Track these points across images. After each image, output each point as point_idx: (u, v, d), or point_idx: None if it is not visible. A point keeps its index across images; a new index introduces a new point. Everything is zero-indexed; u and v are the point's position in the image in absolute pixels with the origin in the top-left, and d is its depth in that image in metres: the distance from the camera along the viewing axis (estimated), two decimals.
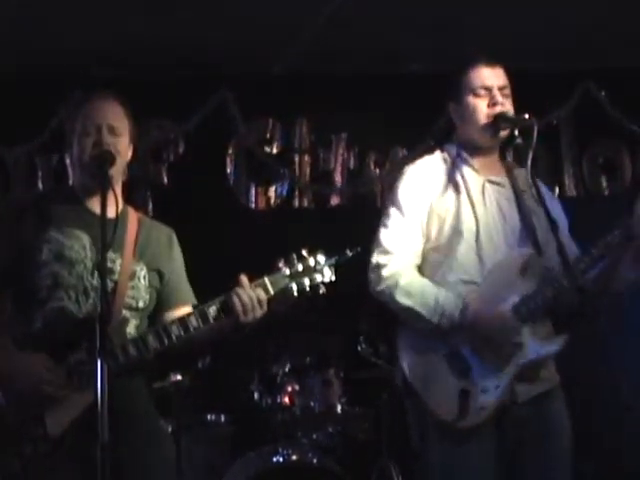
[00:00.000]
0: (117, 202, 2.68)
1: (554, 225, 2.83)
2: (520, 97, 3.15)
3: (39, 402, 2.62)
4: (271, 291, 2.74)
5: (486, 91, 3.08)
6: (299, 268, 2.77)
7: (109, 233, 2.58)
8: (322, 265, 2.79)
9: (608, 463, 5.18)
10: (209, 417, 4.71)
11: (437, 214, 3.09)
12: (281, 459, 4.35)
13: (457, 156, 3.17)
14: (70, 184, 3.10)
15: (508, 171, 3.19)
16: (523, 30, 5.07)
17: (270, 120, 5.75)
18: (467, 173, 3.13)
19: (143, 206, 5.35)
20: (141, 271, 2.85)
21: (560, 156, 5.95)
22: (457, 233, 3.05)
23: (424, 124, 5.47)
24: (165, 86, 5.45)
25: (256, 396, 4.70)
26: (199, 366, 4.56)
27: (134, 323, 2.83)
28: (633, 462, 5.13)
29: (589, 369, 5.13)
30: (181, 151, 5.66)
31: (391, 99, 5.56)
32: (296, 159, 5.79)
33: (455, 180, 3.13)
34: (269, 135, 5.75)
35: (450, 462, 2.95)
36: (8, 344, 2.69)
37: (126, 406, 2.69)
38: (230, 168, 5.70)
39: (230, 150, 5.71)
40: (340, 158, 5.80)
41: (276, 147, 5.77)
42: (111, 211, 2.66)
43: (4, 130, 5.29)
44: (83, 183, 2.87)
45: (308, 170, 5.78)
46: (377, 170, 5.81)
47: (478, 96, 3.09)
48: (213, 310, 2.72)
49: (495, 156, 3.19)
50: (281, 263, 2.76)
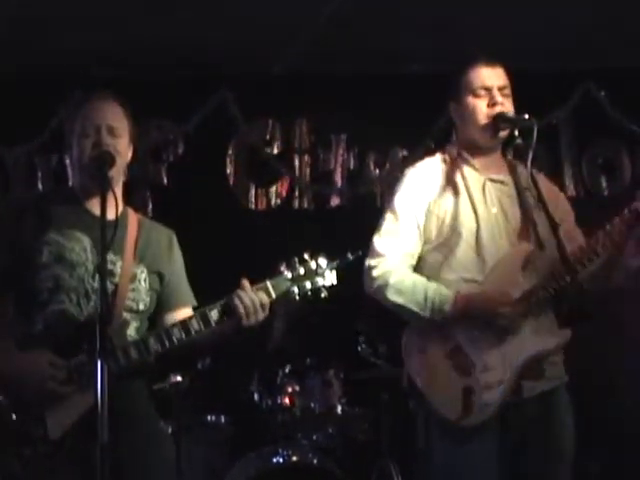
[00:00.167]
0: (117, 203, 2.67)
1: (554, 225, 2.83)
2: (520, 97, 3.15)
3: (41, 400, 2.62)
4: (273, 294, 2.74)
5: (486, 91, 3.08)
6: (301, 271, 2.77)
7: (109, 235, 2.57)
8: (324, 268, 2.79)
9: (610, 463, 5.18)
10: (209, 418, 4.70)
11: (436, 215, 3.09)
12: (281, 460, 4.35)
13: (458, 156, 3.17)
14: (70, 185, 3.09)
15: (511, 169, 3.18)
16: (523, 30, 5.06)
17: (270, 121, 5.75)
18: (468, 173, 3.13)
19: (143, 207, 5.35)
20: (142, 273, 2.84)
21: (560, 156, 5.95)
22: (456, 233, 3.06)
23: (424, 124, 5.48)
24: (165, 86, 5.45)
25: (256, 397, 4.70)
26: (199, 367, 4.55)
27: (134, 325, 2.83)
28: (634, 462, 5.12)
29: (589, 369, 5.12)
30: (181, 151, 5.67)
31: (391, 99, 5.56)
32: (296, 160, 5.79)
33: (455, 180, 3.13)
34: (269, 136, 5.75)
35: (452, 462, 2.96)
36: (11, 346, 2.69)
37: (126, 407, 2.69)
38: (230, 169, 5.71)
39: (230, 151, 5.71)
40: (340, 158, 5.80)
41: (276, 148, 5.77)
42: (111, 213, 2.65)
43: (4, 130, 5.28)
44: (83, 184, 2.87)
45: (308, 171, 5.79)
46: (377, 170, 5.81)
47: (478, 96, 3.09)
48: (215, 313, 2.72)
49: (497, 154, 3.18)
50: (283, 266, 2.76)
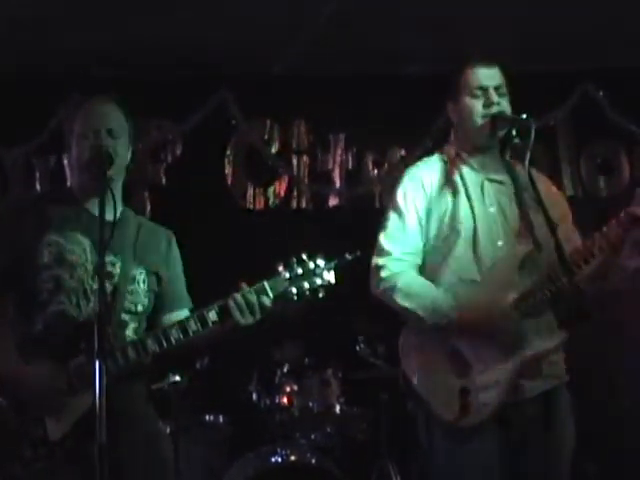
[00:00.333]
0: (115, 204, 2.67)
1: (552, 225, 2.83)
2: (518, 97, 3.15)
3: (41, 408, 2.63)
4: (270, 295, 2.73)
5: (482, 91, 3.08)
6: (299, 272, 2.75)
7: (107, 236, 2.57)
8: (322, 269, 2.78)
9: (610, 463, 5.18)
10: (207, 418, 4.71)
11: (435, 214, 3.10)
12: (279, 459, 4.35)
13: (456, 156, 3.18)
14: (68, 185, 3.09)
15: (509, 168, 3.18)
16: (522, 31, 5.06)
17: (268, 121, 5.75)
18: (466, 172, 3.14)
19: (141, 207, 5.35)
20: (140, 275, 2.85)
21: (558, 156, 5.95)
22: (455, 233, 3.06)
23: (422, 124, 5.48)
24: (165, 86, 5.45)
25: (254, 397, 4.70)
26: (197, 367, 4.55)
27: (133, 326, 2.83)
28: (633, 462, 5.12)
29: (589, 369, 5.13)
30: (179, 152, 5.66)
31: (389, 99, 5.56)
32: (294, 159, 5.79)
33: (453, 180, 3.13)
34: (267, 136, 5.75)
35: (454, 462, 2.96)
36: (11, 347, 2.69)
37: (125, 408, 2.69)
38: (228, 169, 5.71)
39: (228, 151, 5.71)
40: (338, 158, 5.80)
41: (274, 148, 5.77)
42: (110, 213, 2.66)
43: (2, 131, 5.28)
44: (82, 185, 2.87)
45: (306, 171, 5.79)
46: (375, 171, 5.82)
47: (474, 96, 3.09)
48: (212, 314, 2.71)
49: (495, 154, 3.17)
50: (280, 267, 2.75)
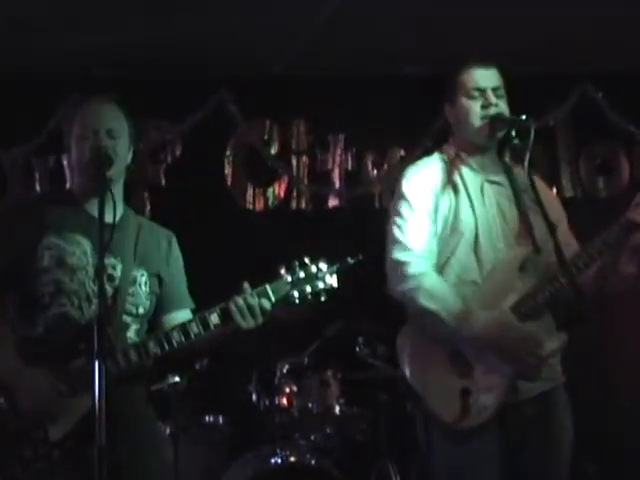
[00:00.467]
0: (115, 205, 2.66)
1: (552, 226, 2.83)
2: (518, 98, 3.15)
3: (40, 412, 2.63)
4: (272, 298, 2.73)
5: (479, 92, 3.07)
6: (301, 275, 2.75)
7: (107, 238, 2.57)
8: (324, 272, 2.77)
9: (610, 463, 5.18)
10: (207, 418, 4.70)
11: (440, 213, 3.07)
12: (279, 460, 4.34)
13: (455, 156, 3.17)
14: (68, 186, 3.09)
15: (507, 170, 3.18)
16: (521, 32, 5.06)
17: (267, 121, 5.75)
18: (466, 173, 3.13)
19: (141, 207, 5.34)
20: (142, 277, 2.85)
21: (557, 157, 5.95)
22: (457, 233, 3.04)
23: (422, 125, 5.48)
24: (164, 87, 5.44)
25: (254, 397, 4.69)
26: (197, 368, 4.55)
27: (134, 328, 2.83)
28: (634, 462, 5.12)
29: (588, 369, 5.13)
30: (179, 152, 5.66)
31: (389, 100, 5.55)
32: (294, 160, 5.79)
33: (454, 180, 3.12)
34: (267, 136, 5.75)
35: (454, 463, 2.95)
36: (10, 348, 2.69)
37: (125, 409, 2.69)
38: (228, 169, 5.70)
39: (228, 151, 5.71)
40: (338, 159, 5.79)
41: (274, 148, 5.77)
42: (110, 215, 2.66)
43: (2, 131, 5.28)
44: (82, 186, 2.87)
45: (306, 171, 5.78)
46: (375, 171, 5.81)
47: (472, 98, 3.08)
48: (214, 317, 2.71)
49: (493, 155, 3.17)
50: (283, 270, 2.75)
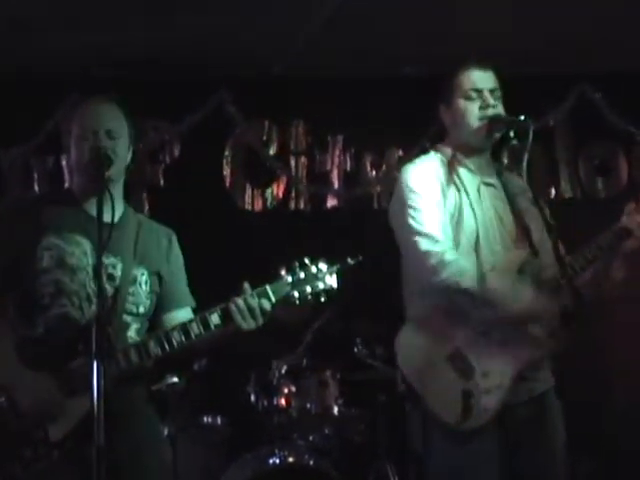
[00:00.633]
0: (113, 205, 2.65)
1: (550, 226, 2.84)
2: (516, 99, 3.15)
3: (40, 413, 2.64)
4: (273, 299, 2.73)
5: (477, 93, 3.07)
6: (301, 276, 2.76)
7: (106, 237, 2.56)
8: (324, 273, 2.78)
9: (606, 463, 5.18)
10: (205, 419, 4.69)
11: (448, 207, 3.05)
12: (277, 461, 4.34)
13: (452, 157, 3.15)
14: (67, 187, 3.09)
15: (498, 173, 3.18)
16: (519, 32, 5.06)
17: (266, 122, 5.75)
18: (463, 174, 3.12)
19: (140, 208, 5.34)
20: (142, 276, 2.85)
21: (556, 158, 5.94)
22: (461, 231, 3.03)
23: (420, 126, 5.47)
24: (163, 87, 5.44)
25: (252, 398, 4.68)
26: (195, 368, 4.54)
27: (135, 327, 2.84)
28: (630, 462, 5.13)
29: (585, 370, 5.14)
30: (177, 153, 5.66)
31: (387, 100, 5.55)
32: (292, 161, 5.78)
33: (454, 180, 3.11)
34: (266, 137, 5.75)
35: (454, 464, 2.95)
36: (9, 349, 2.69)
37: (125, 409, 2.69)
38: (227, 170, 5.70)
39: (227, 152, 5.71)
40: (336, 160, 5.79)
41: (272, 149, 5.77)
42: (109, 214, 2.65)
43: (2, 131, 5.28)
44: (81, 186, 2.87)
45: (304, 172, 5.78)
46: (373, 172, 5.81)
47: (469, 98, 3.08)
48: (215, 317, 2.72)
49: (487, 157, 3.18)
50: (283, 271, 2.76)
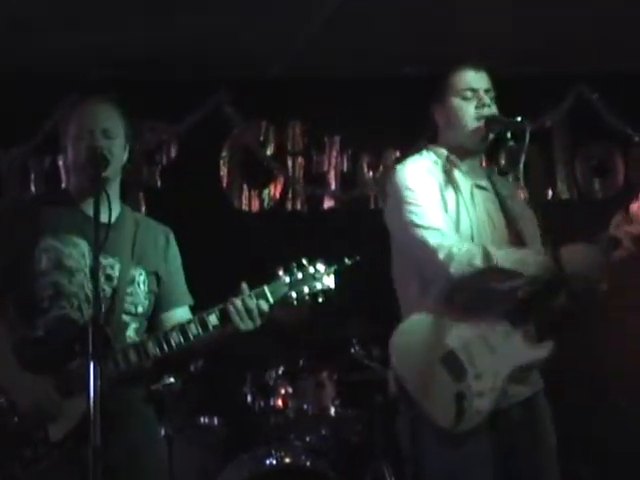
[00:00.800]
0: (110, 205, 2.65)
1: (546, 227, 2.84)
2: (513, 99, 3.14)
3: (39, 415, 2.63)
4: (270, 300, 2.74)
5: (472, 93, 3.05)
6: (299, 276, 2.76)
7: (103, 238, 2.56)
8: (321, 273, 2.78)
9: (603, 466, 5.18)
10: (202, 420, 4.69)
11: (446, 206, 3.02)
12: (274, 462, 4.34)
13: (446, 159, 3.12)
14: (63, 187, 3.08)
15: (489, 176, 3.18)
16: (517, 33, 5.07)
17: (263, 122, 5.75)
18: (457, 176, 3.09)
19: (136, 209, 5.33)
20: (140, 276, 2.85)
21: (553, 158, 5.95)
22: (459, 232, 3.00)
23: (417, 126, 5.46)
24: (161, 87, 5.43)
25: (249, 399, 4.68)
26: (192, 369, 4.55)
27: (134, 327, 2.84)
28: (628, 465, 5.13)
29: (583, 372, 5.14)
30: (174, 153, 5.66)
31: (385, 101, 5.55)
32: (289, 161, 5.79)
33: (451, 181, 3.09)
34: (263, 138, 5.75)
35: (448, 466, 2.93)
36: (8, 350, 2.69)
37: (123, 410, 2.69)
38: (224, 170, 5.70)
39: (224, 152, 5.71)
40: (333, 160, 5.79)
41: (270, 149, 5.77)
42: (106, 214, 2.65)
43: (1, 131, 5.27)
44: (78, 186, 2.87)
45: (301, 172, 5.78)
46: (370, 173, 5.82)
47: (465, 98, 3.06)
48: (213, 318, 2.72)
49: (479, 160, 3.18)
50: (281, 271, 2.76)
